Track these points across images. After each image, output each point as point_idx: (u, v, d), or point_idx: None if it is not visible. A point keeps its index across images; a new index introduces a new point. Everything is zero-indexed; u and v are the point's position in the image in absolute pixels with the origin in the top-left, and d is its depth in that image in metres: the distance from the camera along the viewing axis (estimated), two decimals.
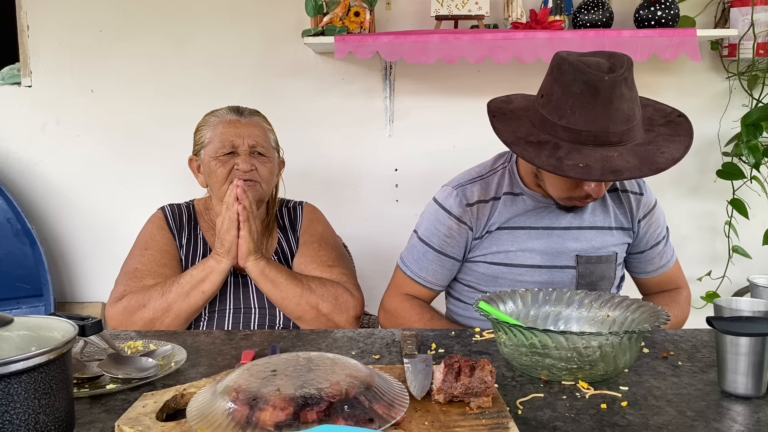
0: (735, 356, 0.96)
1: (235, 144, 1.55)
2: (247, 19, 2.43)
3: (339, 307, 1.47)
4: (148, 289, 1.44)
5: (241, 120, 1.59)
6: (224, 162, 1.54)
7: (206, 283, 1.44)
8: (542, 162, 1.26)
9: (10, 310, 2.39)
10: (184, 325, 1.46)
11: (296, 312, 1.46)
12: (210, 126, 1.59)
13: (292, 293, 1.45)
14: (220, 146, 1.55)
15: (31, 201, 2.53)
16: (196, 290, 1.43)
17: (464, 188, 1.52)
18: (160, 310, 1.41)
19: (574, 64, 1.25)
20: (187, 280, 1.44)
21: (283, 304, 1.47)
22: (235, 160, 1.54)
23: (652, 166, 1.24)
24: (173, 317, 1.42)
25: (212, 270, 1.44)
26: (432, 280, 1.54)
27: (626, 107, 1.25)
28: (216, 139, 1.56)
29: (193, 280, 1.44)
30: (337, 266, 1.56)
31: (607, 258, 1.51)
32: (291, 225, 1.67)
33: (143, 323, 1.41)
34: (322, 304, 1.46)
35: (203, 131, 1.60)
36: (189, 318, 1.45)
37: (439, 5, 2.23)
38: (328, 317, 1.46)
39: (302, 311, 1.46)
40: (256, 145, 1.56)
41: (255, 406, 0.77)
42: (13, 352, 0.77)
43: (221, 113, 1.61)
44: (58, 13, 2.44)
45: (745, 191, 2.41)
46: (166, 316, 1.41)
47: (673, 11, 2.20)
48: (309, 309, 1.45)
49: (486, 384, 0.88)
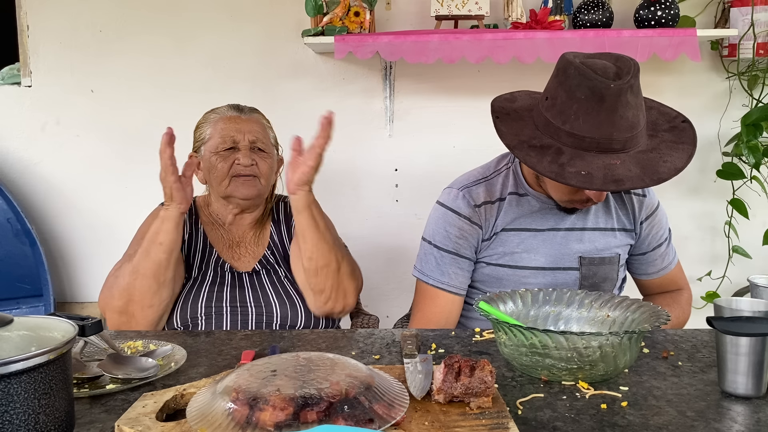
0: (735, 356, 0.96)
1: (235, 139, 1.56)
2: (247, 19, 2.43)
3: (352, 274, 1.52)
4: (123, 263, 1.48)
5: (241, 116, 1.61)
6: (225, 157, 1.55)
7: (161, 233, 1.44)
8: (544, 168, 1.25)
9: (10, 310, 2.39)
10: (156, 289, 1.43)
11: (324, 258, 1.46)
12: (210, 123, 1.60)
13: (328, 238, 1.47)
14: (220, 141, 1.56)
15: (31, 201, 2.53)
16: (154, 244, 1.44)
17: (469, 189, 1.51)
18: (128, 274, 1.43)
19: (579, 69, 1.23)
20: (146, 239, 1.46)
21: (317, 245, 1.45)
22: (235, 155, 1.55)
23: (654, 176, 1.24)
24: (141, 278, 1.42)
25: (162, 219, 1.45)
26: (456, 284, 1.50)
27: (631, 115, 1.24)
28: (216, 134, 1.57)
29: (151, 235, 1.45)
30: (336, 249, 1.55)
31: (610, 259, 1.51)
32: (285, 218, 1.66)
33: (119, 294, 1.43)
34: (343, 263, 1.49)
35: (203, 128, 1.61)
36: (157, 277, 1.43)
37: (439, 5, 2.23)
38: (342, 278, 1.48)
39: (329, 259, 1.46)
40: (256, 141, 1.57)
41: (255, 406, 0.77)
42: (13, 352, 0.77)
43: (221, 110, 1.63)
44: (58, 13, 2.44)
45: (745, 191, 2.40)
46: (135, 278, 1.42)
47: (673, 11, 2.20)
48: (334, 260, 1.47)
49: (486, 384, 0.88)
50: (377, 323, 1.79)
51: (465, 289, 1.53)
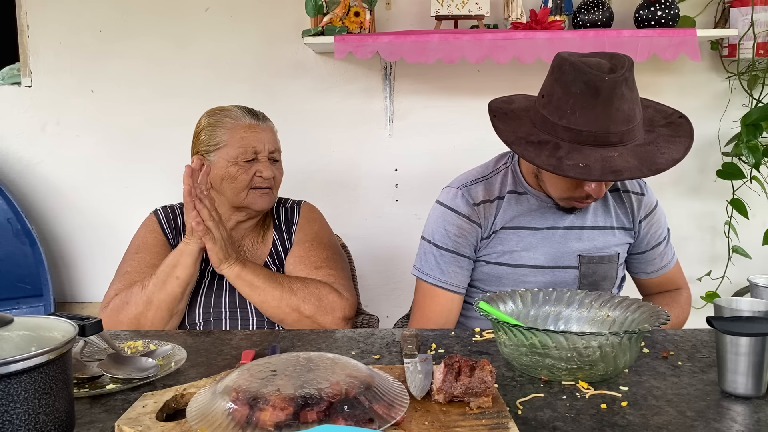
0: (735, 356, 0.96)
1: (257, 150, 1.52)
2: (247, 19, 2.43)
3: (323, 309, 1.43)
4: (131, 286, 1.45)
5: (259, 125, 1.57)
6: (246, 168, 1.51)
7: (179, 267, 1.42)
8: (542, 162, 1.26)
9: (10, 310, 2.39)
10: (168, 319, 1.43)
11: (277, 315, 1.44)
12: (226, 128, 1.53)
13: (271, 296, 1.42)
14: (242, 152, 1.51)
15: (31, 201, 2.53)
16: (170, 277, 1.42)
17: (468, 188, 1.51)
18: (141, 304, 1.41)
19: (575, 65, 1.25)
20: (162, 270, 1.43)
21: (263, 307, 1.44)
22: (256, 166, 1.52)
23: (652, 167, 1.24)
24: (155, 310, 1.41)
25: (182, 253, 1.43)
26: (456, 283, 1.50)
27: (627, 108, 1.25)
28: (236, 143, 1.51)
29: (167, 268, 1.43)
30: (325, 267, 1.53)
31: (609, 258, 1.51)
32: (287, 225, 1.65)
33: (128, 321, 1.41)
34: (303, 306, 1.42)
35: (217, 132, 1.54)
36: (171, 309, 1.43)
37: (439, 5, 2.23)
38: (312, 319, 1.43)
39: (283, 314, 1.43)
40: (274, 152, 1.57)
41: (255, 406, 0.77)
42: (13, 352, 0.77)
43: (236, 114, 1.56)
44: (58, 13, 2.44)
45: (745, 191, 2.41)
46: (149, 309, 1.41)
47: (673, 11, 2.20)
48: (290, 311, 1.42)
49: (486, 384, 0.88)
50: (377, 323, 1.79)
51: (465, 288, 1.53)
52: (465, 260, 1.51)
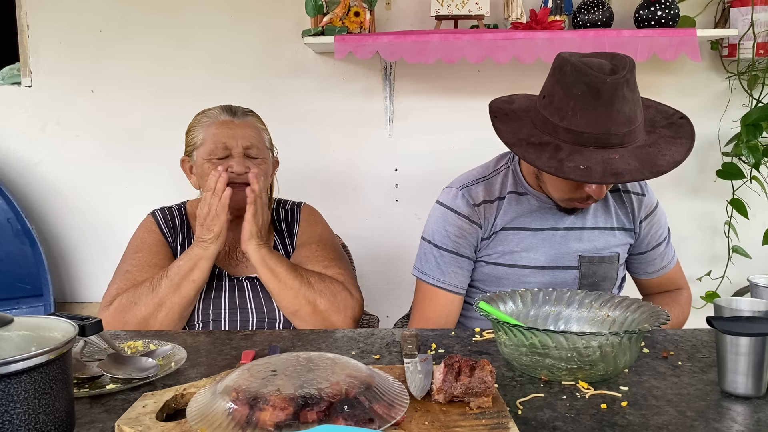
0: (735, 356, 0.96)
1: (228, 146, 1.52)
2: (247, 19, 2.43)
3: (337, 305, 1.44)
4: (138, 286, 1.43)
5: (234, 121, 1.56)
6: (217, 165, 1.50)
7: (196, 271, 1.42)
8: (543, 164, 1.25)
9: (10, 310, 2.39)
10: (177, 321, 1.43)
11: (292, 306, 1.43)
12: (202, 127, 1.56)
13: (290, 285, 1.43)
14: (213, 148, 1.52)
15: (31, 201, 2.53)
16: (186, 280, 1.41)
17: (469, 189, 1.51)
18: (152, 305, 1.39)
19: (576, 66, 1.24)
20: (175, 272, 1.42)
21: (280, 295, 1.44)
22: (229, 162, 1.51)
23: (653, 169, 1.24)
24: (167, 312, 1.40)
25: (200, 257, 1.42)
26: (456, 283, 1.50)
27: (628, 109, 1.24)
28: (209, 140, 1.53)
29: (182, 271, 1.42)
30: (334, 266, 1.54)
31: (609, 258, 1.51)
32: (288, 228, 1.64)
33: (137, 322, 1.39)
34: (319, 300, 1.43)
35: (195, 132, 1.57)
36: (182, 312, 1.43)
37: (439, 5, 2.23)
38: (325, 315, 1.43)
39: (299, 305, 1.43)
40: (250, 147, 1.53)
41: (255, 406, 0.77)
42: (13, 352, 0.77)
43: (213, 113, 1.57)
44: (58, 13, 2.44)
45: (745, 191, 2.41)
46: (159, 311, 1.39)
47: (673, 11, 2.20)
48: (306, 303, 1.43)
49: (486, 384, 0.88)
50: (377, 323, 1.79)
51: (465, 288, 1.53)
52: (465, 261, 1.51)
